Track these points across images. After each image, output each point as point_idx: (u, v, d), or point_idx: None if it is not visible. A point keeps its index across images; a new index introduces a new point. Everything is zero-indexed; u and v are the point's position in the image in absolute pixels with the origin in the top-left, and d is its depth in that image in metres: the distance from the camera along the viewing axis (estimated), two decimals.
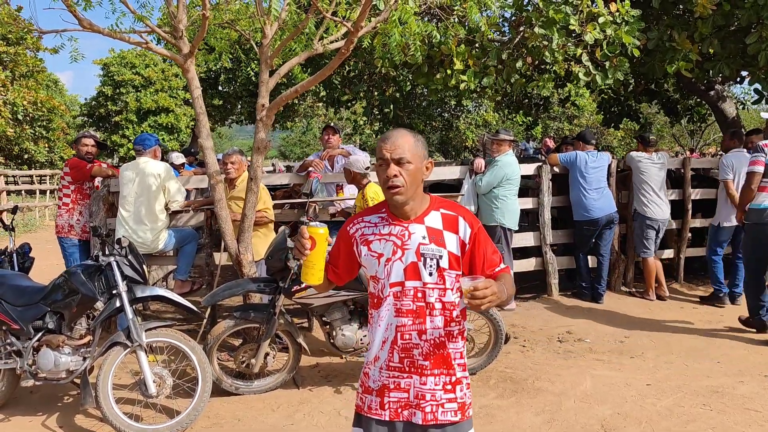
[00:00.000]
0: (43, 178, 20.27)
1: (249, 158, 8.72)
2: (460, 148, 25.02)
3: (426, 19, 6.46)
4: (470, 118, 23.80)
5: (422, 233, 2.09)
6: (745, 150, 6.57)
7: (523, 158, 10.04)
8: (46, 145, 20.24)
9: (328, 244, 2.17)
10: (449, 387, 2.10)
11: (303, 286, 4.26)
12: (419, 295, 2.09)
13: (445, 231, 2.10)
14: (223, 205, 4.79)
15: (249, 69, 15.04)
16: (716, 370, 4.82)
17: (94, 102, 25.20)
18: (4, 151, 19.19)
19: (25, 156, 20.03)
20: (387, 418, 2.12)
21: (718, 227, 6.60)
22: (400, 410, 2.12)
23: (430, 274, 2.08)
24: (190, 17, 4.63)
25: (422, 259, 2.07)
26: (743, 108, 13.42)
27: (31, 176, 19.76)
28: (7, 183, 17.60)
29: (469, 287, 1.85)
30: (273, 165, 18.61)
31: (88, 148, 6.05)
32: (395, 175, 2.05)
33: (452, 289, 2.11)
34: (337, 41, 4.78)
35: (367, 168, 5.30)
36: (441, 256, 2.08)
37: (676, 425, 3.88)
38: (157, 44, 4.90)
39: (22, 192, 18.39)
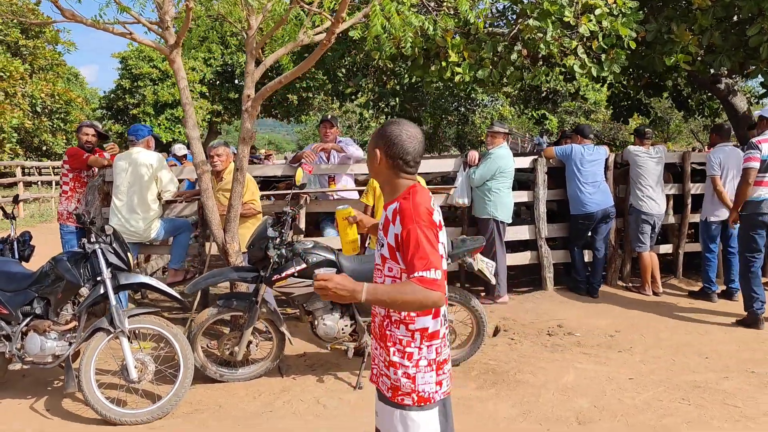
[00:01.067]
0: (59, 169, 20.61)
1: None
2: (475, 142, 24.94)
3: (422, 12, 6.44)
4: (486, 112, 23.69)
5: (382, 219, 2.24)
6: (732, 144, 6.63)
7: (537, 152, 9.98)
8: (64, 137, 20.57)
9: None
10: (386, 364, 2.24)
11: (283, 275, 4.31)
12: (376, 271, 2.31)
13: (390, 223, 2.17)
14: (209, 195, 4.85)
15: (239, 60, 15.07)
16: (702, 365, 4.78)
17: (112, 95, 25.55)
18: (23, 142, 19.55)
19: (44, 148, 20.37)
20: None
21: (706, 222, 6.55)
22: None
23: (380, 257, 2.26)
24: (177, 7, 4.67)
25: (378, 241, 2.28)
26: (757, 102, 13.18)
27: (48, 167, 20.11)
28: (26, 174, 17.94)
29: (315, 275, 2.09)
30: (285, 158, 18.70)
31: (88, 137, 6.16)
32: None
33: (393, 278, 2.20)
34: (322, 33, 4.80)
35: None
36: (383, 244, 2.22)
37: (651, 419, 3.86)
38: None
39: (39, 183, 18.70)
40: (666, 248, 7.40)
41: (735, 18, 6.68)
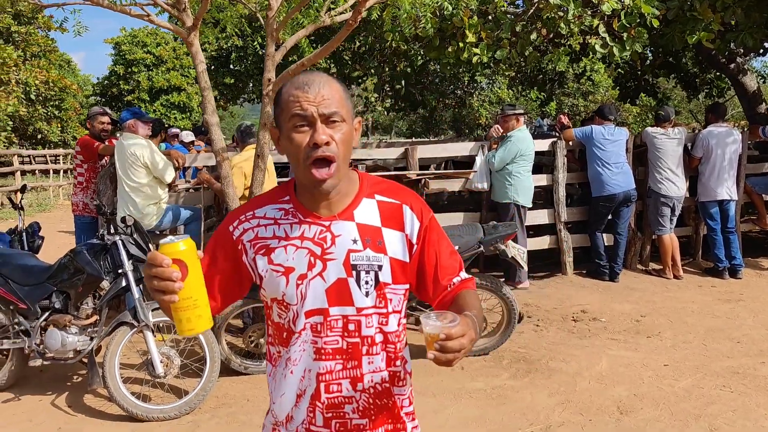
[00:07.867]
0: (56, 157, 20.31)
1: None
2: (473, 126, 24.76)
3: None
4: (483, 95, 23.45)
5: (352, 235, 1.45)
6: (726, 126, 6.81)
7: (537, 135, 9.87)
8: (59, 125, 20.26)
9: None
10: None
11: None
12: (351, 327, 1.46)
13: (384, 228, 1.47)
14: (230, 182, 4.70)
15: (255, 44, 14.82)
16: (736, 351, 4.69)
17: (106, 81, 25.18)
18: (18, 131, 19.24)
19: (39, 136, 20.07)
20: None
21: (702, 203, 6.77)
22: None
23: (367, 294, 1.45)
24: None
25: (354, 273, 1.44)
26: (764, 82, 13.09)
27: (44, 156, 19.82)
28: (21, 163, 17.66)
29: (438, 334, 1.24)
30: None
31: (104, 126, 5.99)
32: (326, 142, 1.36)
33: (399, 312, 1.52)
34: (344, 13, 4.63)
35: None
36: (381, 266, 1.45)
37: (695, 407, 3.77)
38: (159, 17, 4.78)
39: (36, 172, 18.43)
40: (686, 231, 7.32)
41: None
